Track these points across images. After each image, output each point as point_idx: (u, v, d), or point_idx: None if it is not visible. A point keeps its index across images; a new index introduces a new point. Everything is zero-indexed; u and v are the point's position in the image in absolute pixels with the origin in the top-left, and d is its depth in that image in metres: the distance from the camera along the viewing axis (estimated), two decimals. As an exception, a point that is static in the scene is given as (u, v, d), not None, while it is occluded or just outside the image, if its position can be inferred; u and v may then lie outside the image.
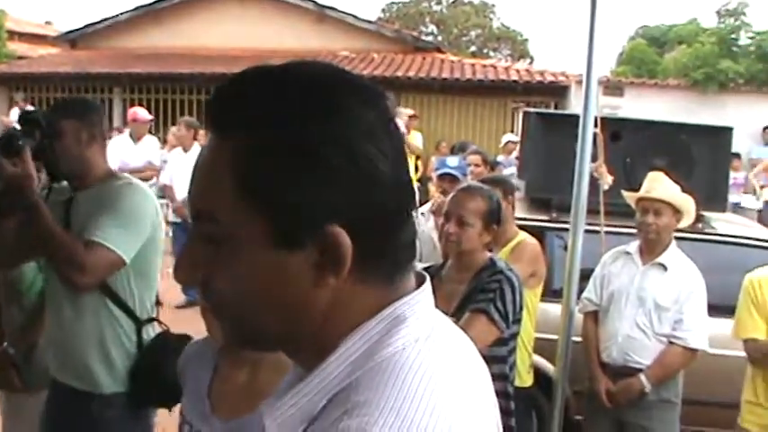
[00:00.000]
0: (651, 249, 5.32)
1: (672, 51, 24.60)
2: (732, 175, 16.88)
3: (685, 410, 5.48)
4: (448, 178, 6.45)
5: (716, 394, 5.97)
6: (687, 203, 5.30)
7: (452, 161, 6.76)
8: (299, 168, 1.07)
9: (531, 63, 36.79)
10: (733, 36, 19.91)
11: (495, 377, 4.13)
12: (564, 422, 5.49)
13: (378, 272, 1.14)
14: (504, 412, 4.17)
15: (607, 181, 5.76)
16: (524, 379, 5.37)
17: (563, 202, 5.63)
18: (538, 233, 6.51)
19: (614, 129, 6.76)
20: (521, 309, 4.20)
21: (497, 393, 4.09)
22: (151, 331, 3.82)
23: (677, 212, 5.28)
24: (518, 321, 4.23)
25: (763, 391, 5.12)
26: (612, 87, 18.26)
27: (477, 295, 4.10)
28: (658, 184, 5.30)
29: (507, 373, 4.21)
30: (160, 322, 3.90)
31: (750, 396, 5.20)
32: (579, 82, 18.19)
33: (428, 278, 1.25)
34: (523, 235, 5.54)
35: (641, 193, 5.32)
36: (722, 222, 7.00)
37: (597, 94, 5.37)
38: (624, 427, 5.37)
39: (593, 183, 5.65)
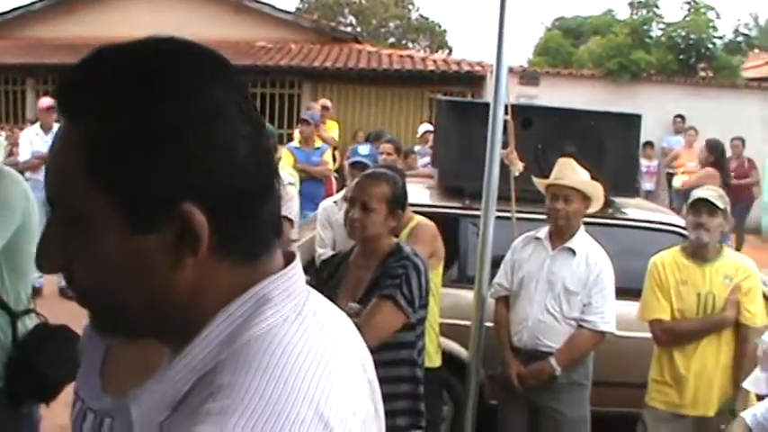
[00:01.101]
0: (560, 235, 5.38)
1: (587, 43, 24.92)
2: (645, 163, 17.36)
3: (595, 392, 5.56)
4: (359, 166, 6.44)
5: (625, 375, 6.08)
6: (596, 190, 5.37)
7: (363, 150, 6.75)
8: (148, 150, 1.05)
9: (449, 54, 36.92)
10: (645, 27, 20.22)
11: (403, 362, 4.14)
12: (479, 407, 5.54)
13: (240, 252, 1.13)
14: (413, 397, 4.21)
15: (518, 167, 5.81)
16: (433, 360, 5.40)
17: (476, 190, 5.66)
18: (451, 220, 6.57)
19: (525, 116, 6.82)
20: (427, 293, 4.21)
21: (406, 379, 4.11)
22: (28, 323, 3.66)
23: (586, 199, 5.35)
24: (425, 306, 4.24)
25: (668, 370, 5.26)
26: (528, 77, 18.41)
27: (384, 281, 4.10)
28: (568, 171, 5.36)
29: (415, 359, 4.22)
30: (38, 314, 3.75)
31: (656, 375, 5.34)
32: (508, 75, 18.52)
33: (297, 256, 1.24)
34: (419, 217, 5.55)
35: (551, 179, 5.38)
36: (631, 207, 7.13)
37: (508, 83, 5.40)
38: (536, 410, 5.43)
39: (505, 169, 5.71)
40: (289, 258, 1.22)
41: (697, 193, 5.24)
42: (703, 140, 16.19)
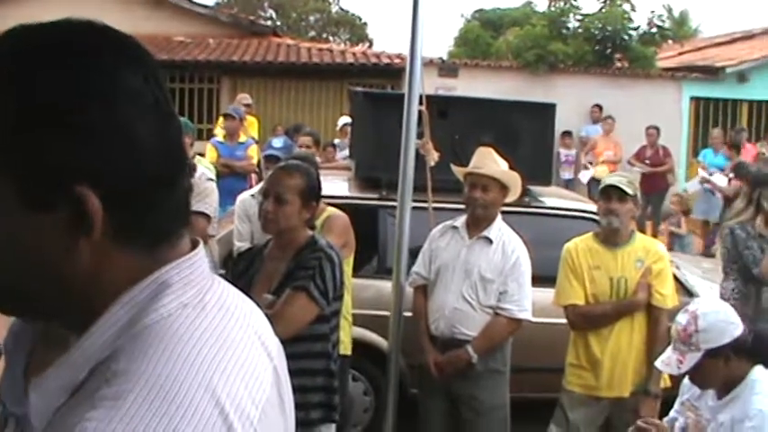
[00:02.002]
0: (477, 224, 5.42)
1: (506, 34, 25.07)
2: (564, 152, 17.58)
3: (514, 378, 5.63)
4: (273, 159, 6.42)
5: (543, 361, 6.16)
6: (514, 180, 5.43)
7: (277, 142, 6.73)
8: (46, 128, 1.04)
9: (370, 46, 36.89)
10: (563, 19, 20.42)
11: (318, 355, 4.12)
12: (400, 396, 5.56)
13: (141, 238, 1.12)
14: (327, 390, 4.19)
15: (434, 157, 5.85)
16: (346, 347, 5.46)
17: (392, 181, 5.67)
18: (369, 212, 6.59)
19: (441, 107, 6.88)
20: (342, 285, 4.22)
21: (320, 372, 4.08)
22: None
23: (504, 188, 5.40)
24: (339, 298, 4.25)
25: (584, 354, 5.35)
26: (447, 69, 18.52)
27: (298, 273, 4.10)
28: (487, 161, 5.40)
29: (330, 351, 4.21)
30: None
31: (573, 359, 5.42)
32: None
33: (201, 243, 1.24)
34: (331, 209, 5.58)
35: (470, 168, 5.41)
36: (547, 196, 7.22)
37: (422, 73, 5.42)
38: (456, 398, 5.47)
39: (421, 160, 5.74)
40: (194, 245, 1.22)
41: (607, 180, 5.33)
42: (620, 129, 16.56)
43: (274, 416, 1.19)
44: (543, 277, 5.78)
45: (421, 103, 5.50)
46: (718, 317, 3.79)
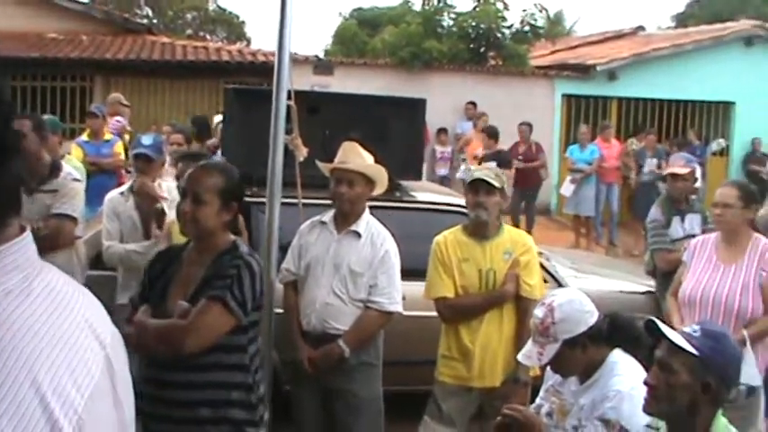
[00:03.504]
0: (345, 218, 5.44)
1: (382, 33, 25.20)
2: (439, 149, 17.78)
3: (387, 371, 5.65)
4: (143, 157, 6.29)
5: (417, 354, 6.20)
6: (379, 173, 5.45)
7: (146, 140, 6.56)
8: None
9: (248, 45, 36.67)
10: (437, 17, 20.62)
11: (234, 367, 3.96)
12: (275, 392, 5.52)
13: None
14: (244, 405, 3.98)
15: (303, 153, 5.82)
16: None
17: (263, 177, 5.62)
18: (242, 208, 6.52)
19: (312, 103, 6.87)
20: (261, 295, 4.04)
21: (238, 386, 3.89)
22: None
23: (370, 182, 5.42)
24: (258, 309, 4.08)
25: (455, 346, 5.41)
26: (322, 67, 18.53)
27: (215, 281, 3.90)
28: (353, 155, 5.42)
29: (247, 364, 4.00)
30: None
31: (444, 351, 5.49)
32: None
33: (28, 230, 1.21)
34: None
35: (335, 163, 5.42)
36: (418, 190, 7.28)
37: (291, 69, 5.41)
38: (329, 392, 5.47)
39: (291, 156, 5.72)
40: (21, 232, 1.19)
41: (475, 174, 5.40)
42: (494, 125, 16.77)
43: (105, 404, 1.18)
44: (416, 271, 5.81)
45: (290, 99, 5.47)
46: (573, 306, 3.89)
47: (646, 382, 3.21)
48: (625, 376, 3.74)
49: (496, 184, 5.27)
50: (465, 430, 5.56)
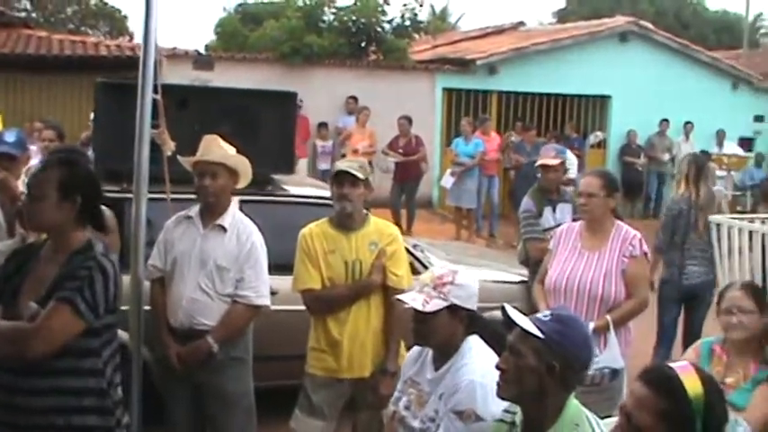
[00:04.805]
0: (211, 212, 5.42)
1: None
2: (320, 143, 17.81)
3: (259, 366, 5.67)
4: (6, 157, 6.12)
5: (289, 348, 6.20)
6: (241, 164, 5.45)
7: (9, 137, 6.36)
8: None
9: (131, 40, 36.01)
10: (318, 11, 20.58)
11: (87, 372, 3.85)
12: (150, 390, 5.46)
13: None
14: (101, 411, 3.88)
15: (170, 147, 5.77)
16: None
17: (132, 172, 5.55)
18: (113, 205, 6.43)
19: (182, 97, 6.82)
20: (116, 297, 3.88)
21: (91, 392, 3.79)
22: None
23: (234, 174, 5.41)
24: (113, 311, 3.90)
25: (323, 337, 5.44)
26: (202, 62, 18.34)
27: (65, 282, 3.73)
28: (213, 147, 5.39)
29: (101, 368, 3.85)
30: None
31: (314, 343, 5.51)
32: (170, 56, 18.29)
33: None
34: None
35: (197, 156, 5.40)
36: (291, 184, 7.29)
37: (157, 62, 5.35)
38: (199, 388, 5.45)
39: (160, 151, 5.68)
40: None
41: (338, 166, 5.43)
42: (375, 119, 16.89)
43: None
44: (289, 265, 5.79)
45: (157, 93, 5.42)
46: (472, 283, 3.96)
47: (498, 367, 3.29)
48: (476, 365, 3.79)
49: (360, 175, 5.30)
50: (336, 422, 5.59)
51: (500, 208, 17.49)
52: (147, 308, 5.35)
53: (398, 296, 4.25)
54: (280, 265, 5.81)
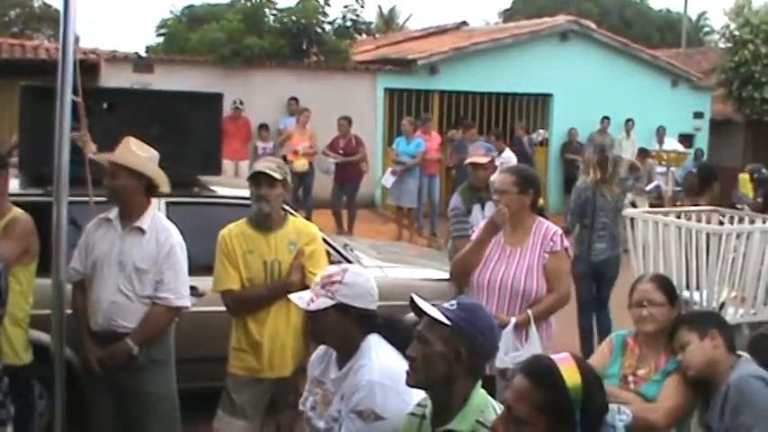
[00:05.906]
0: (129, 214, 5.41)
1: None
2: (261, 145, 17.80)
3: (182, 369, 5.68)
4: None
5: (211, 349, 6.21)
6: (143, 163, 5.38)
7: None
8: None
9: (75, 42, 35.71)
10: (258, 13, 20.55)
11: None
12: (74, 394, 5.46)
13: None
14: None
15: (92, 149, 5.78)
16: (22, 357, 5.33)
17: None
18: (36, 209, 6.40)
19: (110, 99, 6.82)
20: (4, 292, 3.95)
21: None
22: None
23: (138, 175, 5.36)
24: (2, 305, 3.97)
25: (244, 338, 5.47)
26: (141, 64, 18.26)
27: None
28: (123, 150, 5.38)
29: None
30: None
31: (235, 343, 5.53)
32: (110, 59, 18.20)
33: None
34: (18, 211, 5.39)
35: (108, 156, 5.39)
36: (218, 185, 7.31)
37: (76, 64, 5.35)
38: (122, 391, 5.44)
39: (83, 153, 5.68)
40: None
41: (256, 167, 5.46)
42: (317, 121, 16.92)
43: None
44: (211, 266, 5.84)
45: (77, 95, 5.42)
46: (363, 279, 3.98)
47: (407, 355, 3.37)
48: (375, 364, 3.80)
49: (278, 176, 5.33)
50: (259, 422, 5.61)
51: (441, 207, 17.57)
52: (69, 311, 5.37)
53: (290, 295, 4.27)
54: (207, 267, 5.82)
